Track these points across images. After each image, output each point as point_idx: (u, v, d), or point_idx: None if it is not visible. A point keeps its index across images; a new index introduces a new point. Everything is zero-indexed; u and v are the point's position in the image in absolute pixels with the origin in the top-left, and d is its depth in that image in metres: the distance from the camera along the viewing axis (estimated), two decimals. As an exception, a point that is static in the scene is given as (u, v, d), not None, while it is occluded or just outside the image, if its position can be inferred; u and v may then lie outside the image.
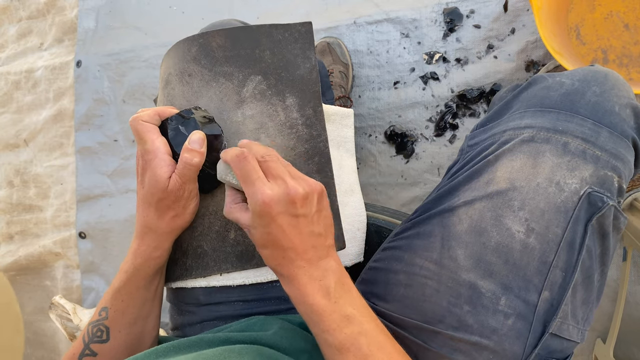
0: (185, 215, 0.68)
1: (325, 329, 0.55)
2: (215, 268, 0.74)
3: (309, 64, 0.80)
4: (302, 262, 0.57)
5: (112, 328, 0.66)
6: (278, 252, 0.57)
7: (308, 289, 0.56)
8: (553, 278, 0.59)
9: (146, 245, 0.66)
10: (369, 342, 0.55)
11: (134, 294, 0.66)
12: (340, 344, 0.54)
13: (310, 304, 0.56)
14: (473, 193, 0.65)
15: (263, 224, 0.56)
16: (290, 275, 0.57)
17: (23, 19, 1.94)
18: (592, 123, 0.61)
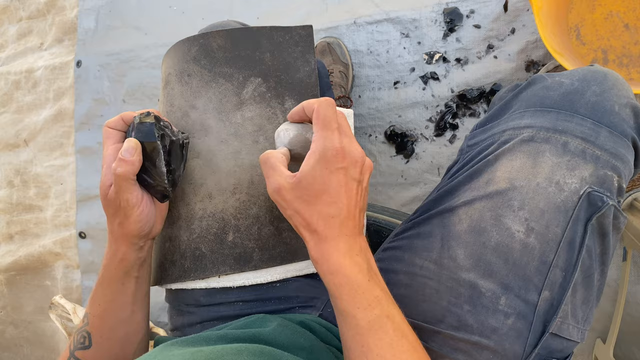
0: (130, 223, 0.62)
1: (356, 305, 0.53)
2: (213, 270, 0.74)
3: (309, 68, 0.81)
4: (346, 229, 0.55)
5: (93, 334, 0.65)
6: (328, 208, 0.54)
7: (346, 260, 0.54)
8: (553, 278, 0.59)
9: (109, 248, 0.65)
10: (394, 327, 0.54)
11: (108, 297, 0.65)
12: (369, 324, 0.53)
13: (346, 275, 0.54)
14: (473, 193, 0.65)
15: (325, 173, 0.54)
16: (331, 240, 0.55)
17: (23, 19, 1.94)
18: (592, 123, 0.61)
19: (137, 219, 0.62)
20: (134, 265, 0.65)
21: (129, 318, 0.67)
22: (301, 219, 0.55)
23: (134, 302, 0.67)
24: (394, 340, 0.53)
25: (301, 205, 0.55)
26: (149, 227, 0.64)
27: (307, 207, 0.55)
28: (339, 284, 0.54)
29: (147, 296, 0.70)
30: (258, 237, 0.75)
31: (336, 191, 0.54)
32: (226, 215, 0.75)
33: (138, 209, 0.62)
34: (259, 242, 0.75)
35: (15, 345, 1.89)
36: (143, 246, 0.65)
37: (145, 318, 0.71)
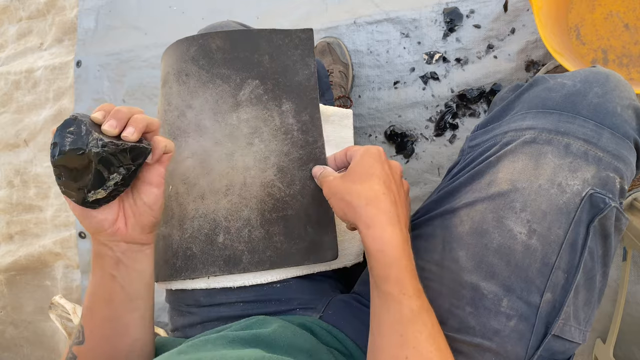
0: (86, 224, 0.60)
1: (404, 291, 0.54)
2: (203, 271, 0.75)
3: (308, 71, 0.81)
4: (398, 212, 0.59)
5: (85, 328, 0.64)
6: (379, 186, 0.59)
7: (401, 243, 0.56)
8: (555, 279, 0.59)
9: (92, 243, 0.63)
10: (432, 321, 0.56)
11: (91, 290, 0.63)
12: (412, 314, 0.54)
13: (399, 257, 0.55)
14: (474, 194, 0.65)
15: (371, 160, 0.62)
16: (387, 216, 0.57)
17: (23, 19, 1.94)
18: (594, 124, 0.61)
19: (79, 216, 0.59)
20: (107, 262, 0.61)
21: (113, 317, 0.63)
22: (352, 196, 0.59)
23: (115, 301, 0.63)
24: (431, 335, 0.54)
25: (353, 185, 0.59)
26: (95, 227, 0.59)
27: (358, 185, 0.59)
28: (389, 264, 0.55)
29: (136, 300, 0.65)
30: (248, 240, 0.75)
31: (384, 175, 0.61)
32: (217, 217, 0.75)
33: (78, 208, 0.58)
34: (248, 245, 0.75)
35: (15, 345, 1.89)
36: (108, 244, 0.61)
37: (137, 323, 0.66)
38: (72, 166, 0.55)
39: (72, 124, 0.54)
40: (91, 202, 0.57)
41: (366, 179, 0.59)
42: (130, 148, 0.56)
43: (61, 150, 0.53)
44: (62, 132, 0.54)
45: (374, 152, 0.62)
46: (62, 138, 0.54)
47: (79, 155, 0.53)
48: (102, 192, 0.57)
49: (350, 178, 0.61)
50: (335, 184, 0.62)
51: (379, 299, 0.56)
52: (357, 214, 0.57)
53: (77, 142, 0.53)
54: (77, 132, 0.54)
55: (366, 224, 0.56)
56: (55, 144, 0.54)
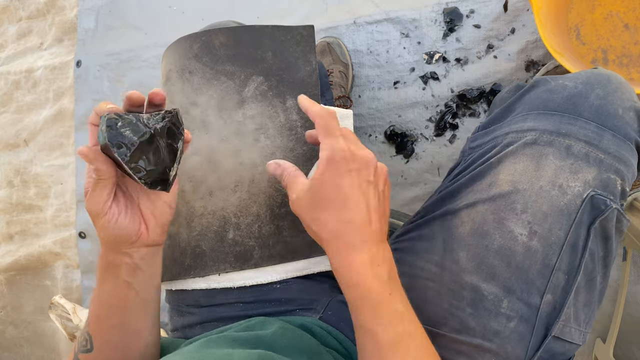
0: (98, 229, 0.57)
1: (378, 321, 0.52)
2: (213, 268, 0.74)
3: (310, 67, 0.81)
4: (365, 234, 0.54)
5: (94, 337, 0.62)
6: (343, 213, 0.53)
7: (368, 271, 0.53)
8: (556, 281, 0.59)
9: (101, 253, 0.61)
10: (416, 345, 0.53)
11: (102, 301, 0.61)
12: (391, 341, 0.52)
13: (367, 289, 0.52)
14: (475, 195, 0.65)
15: (335, 176, 0.54)
16: (352, 250, 0.53)
17: (23, 18, 1.93)
18: (596, 126, 0.61)
19: (101, 227, 0.56)
20: (122, 269, 0.59)
21: (124, 324, 0.62)
22: (317, 227, 0.55)
23: (129, 307, 0.62)
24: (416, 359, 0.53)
25: (315, 212, 0.54)
26: (122, 237, 0.57)
27: (321, 213, 0.54)
28: (359, 297, 0.53)
29: (149, 304, 0.64)
30: (258, 235, 0.75)
31: (349, 194, 0.54)
32: (227, 213, 0.75)
33: (102, 218, 0.55)
34: (259, 240, 0.75)
35: (15, 345, 1.89)
36: (128, 252, 0.59)
37: (149, 327, 0.66)
38: (145, 154, 0.54)
39: (116, 121, 0.52)
40: (171, 180, 0.58)
41: (331, 206, 0.54)
42: (176, 109, 0.57)
43: (132, 143, 0.52)
44: (117, 131, 0.52)
45: (339, 160, 0.54)
46: (122, 136, 0.52)
47: (148, 139, 0.53)
48: (176, 166, 0.58)
49: (314, 201, 0.55)
50: (299, 207, 0.56)
51: (357, 328, 0.55)
52: (324, 246, 0.55)
53: (139, 130, 0.53)
54: (128, 123, 0.53)
55: (333, 257, 0.55)
56: (121, 144, 0.52)
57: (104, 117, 0.52)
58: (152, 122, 0.54)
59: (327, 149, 0.54)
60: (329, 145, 0.54)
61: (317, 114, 0.57)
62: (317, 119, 0.56)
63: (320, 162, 0.54)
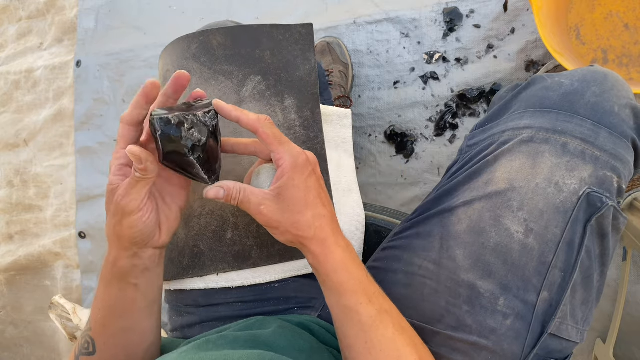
0: (123, 227, 0.57)
1: (359, 300, 0.55)
2: (212, 268, 0.74)
3: (309, 66, 0.80)
4: (335, 224, 0.59)
5: (97, 340, 0.62)
6: (317, 210, 0.57)
7: (346, 256, 0.57)
8: (552, 278, 0.59)
9: (107, 250, 0.61)
10: (393, 322, 0.56)
11: (107, 303, 0.61)
12: (372, 320, 0.55)
13: (349, 271, 0.56)
14: (472, 193, 0.65)
15: (304, 178, 0.56)
16: (329, 240, 0.57)
17: (23, 18, 1.94)
18: (592, 123, 0.61)
19: (131, 224, 0.56)
20: (131, 272, 0.60)
21: (131, 326, 0.63)
22: (298, 229, 0.56)
23: (135, 310, 0.62)
24: (395, 335, 0.55)
25: (294, 216, 0.56)
26: (145, 236, 0.58)
27: (300, 216, 0.56)
28: (343, 281, 0.56)
29: (153, 305, 0.65)
30: (257, 235, 0.75)
31: (317, 191, 0.57)
32: (225, 213, 0.75)
33: (136, 215, 0.56)
34: (257, 240, 0.75)
35: (15, 345, 1.89)
36: (138, 253, 0.59)
37: (153, 327, 0.66)
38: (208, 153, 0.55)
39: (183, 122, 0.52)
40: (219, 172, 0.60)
41: (307, 206, 0.57)
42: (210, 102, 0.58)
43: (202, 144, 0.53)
44: (187, 133, 0.52)
45: (302, 164, 0.57)
46: (192, 138, 0.53)
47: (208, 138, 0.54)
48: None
49: (289, 207, 0.56)
50: (271, 216, 0.56)
51: (340, 312, 0.57)
52: (305, 246, 0.57)
53: (202, 130, 0.54)
54: (192, 123, 0.53)
55: (315, 253, 0.57)
56: (195, 147, 0.53)
57: (166, 117, 0.51)
58: (208, 120, 0.55)
59: (288, 156, 0.56)
60: (288, 152, 0.56)
61: (259, 123, 0.57)
62: (261, 129, 0.56)
63: (285, 169, 0.56)
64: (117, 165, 0.57)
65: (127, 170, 0.57)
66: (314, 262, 0.57)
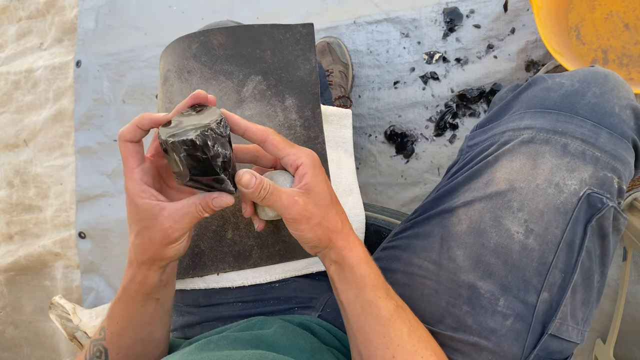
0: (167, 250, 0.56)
1: (379, 294, 0.56)
2: (212, 268, 0.74)
3: (309, 66, 0.80)
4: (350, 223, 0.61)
5: (110, 350, 0.62)
6: (338, 206, 0.59)
7: (365, 251, 0.59)
8: (552, 279, 0.59)
9: (129, 269, 0.59)
10: (409, 317, 0.57)
11: (126, 317, 0.61)
12: (390, 313, 0.56)
13: (371, 265, 0.58)
14: (472, 194, 0.65)
15: (322, 177, 0.57)
16: (351, 234, 0.59)
17: (23, 19, 1.94)
18: (592, 124, 0.61)
19: (176, 250, 0.56)
20: (156, 288, 0.60)
21: (147, 337, 0.64)
22: (328, 223, 0.57)
23: (153, 322, 0.63)
24: (411, 330, 0.56)
25: (325, 210, 0.57)
26: (182, 253, 0.58)
27: (330, 209, 0.57)
28: (365, 274, 0.57)
29: (167, 314, 0.66)
30: (257, 235, 0.75)
31: (332, 190, 0.59)
32: (225, 213, 0.75)
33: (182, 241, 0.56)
34: (258, 240, 0.75)
35: (15, 345, 1.89)
36: (166, 269, 0.60)
37: (166, 335, 0.67)
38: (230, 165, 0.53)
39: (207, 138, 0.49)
40: None
41: (332, 201, 0.58)
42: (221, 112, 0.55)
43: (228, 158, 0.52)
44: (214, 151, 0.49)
45: (318, 162, 0.59)
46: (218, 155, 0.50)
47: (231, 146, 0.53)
48: None
49: (320, 201, 0.56)
50: (309, 208, 0.55)
51: (359, 306, 0.57)
52: (332, 240, 0.57)
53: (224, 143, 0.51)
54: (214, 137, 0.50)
55: (340, 247, 0.57)
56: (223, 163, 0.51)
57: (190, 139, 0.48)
58: (222, 130, 0.51)
59: (305, 156, 0.57)
60: (303, 153, 0.57)
61: (266, 135, 0.57)
62: (270, 136, 0.57)
63: (306, 167, 0.56)
64: (143, 186, 0.54)
65: (151, 190, 0.55)
66: (338, 257, 0.57)
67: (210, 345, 0.58)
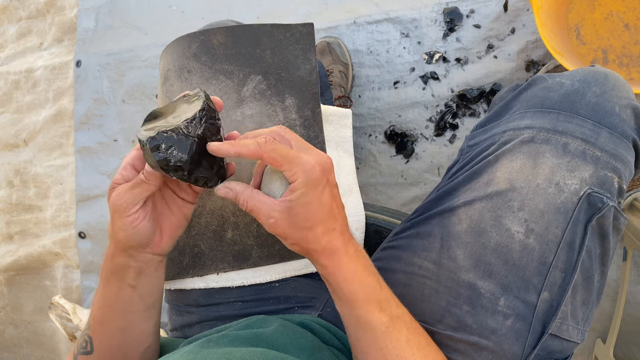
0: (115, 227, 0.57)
1: (371, 309, 0.55)
2: (212, 267, 0.74)
3: (309, 65, 0.80)
4: (346, 234, 0.57)
5: (94, 339, 0.62)
6: (329, 224, 0.55)
7: (357, 266, 0.56)
8: (552, 278, 0.59)
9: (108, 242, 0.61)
10: (407, 325, 0.56)
11: (105, 302, 0.61)
12: (385, 326, 0.54)
13: (360, 280, 0.55)
14: (473, 193, 0.65)
15: (317, 195, 0.53)
16: (339, 251, 0.55)
17: (23, 18, 1.94)
18: (592, 124, 0.61)
19: (121, 226, 0.56)
20: (128, 272, 0.59)
21: (128, 327, 0.63)
22: (307, 243, 0.55)
23: (132, 311, 0.62)
24: (409, 339, 0.55)
25: (303, 232, 0.54)
26: (135, 241, 0.58)
27: (309, 232, 0.54)
28: (354, 291, 0.55)
29: (152, 308, 0.65)
30: (257, 235, 0.75)
31: (329, 205, 0.55)
32: (225, 213, 0.75)
33: (125, 218, 0.56)
34: (257, 240, 0.75)
35: (15, 345, 1.89)
36: (134, 255, 0.59)
37: (151, 330, 0.66)
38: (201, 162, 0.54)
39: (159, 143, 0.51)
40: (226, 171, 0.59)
41: (318, 222, 0.54)
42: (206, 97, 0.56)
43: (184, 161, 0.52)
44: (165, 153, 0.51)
45: (316, 179, 0.53)
46: (172, 156, 0.52)
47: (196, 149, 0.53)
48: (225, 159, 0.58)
49: (299, 222, 0.54)
50: (280, 229, 0.54)
51: (353, 321, 0.56)
52: (314, 258, 0.56)
53: (184, 145, 0.52)
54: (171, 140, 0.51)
55: (323, 265, 0.56)
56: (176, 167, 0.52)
57: (146, 140, 0.51)
58: (192, 129, 0.52)
59: (301, 173, 0.52)
60: (301, 168, 0.52)
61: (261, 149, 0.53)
62: (265, 154, 0.52)
63: (297, 185, 0.52)
64: (125, 165, 0.57)
65: (132, 172, 0.57)
66: (324, 273, 0.56)
67: (211, 343, 0.58)
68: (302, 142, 0.56)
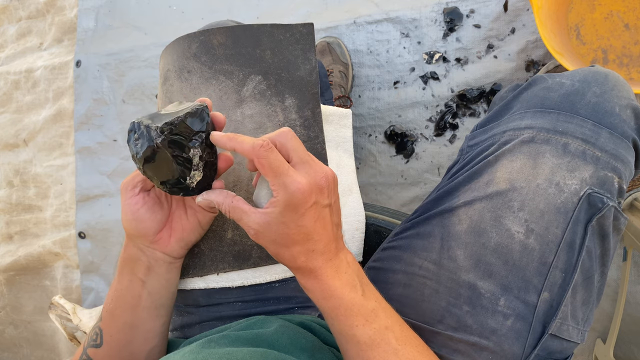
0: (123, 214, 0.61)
1: (354, 323, 0.53)
2: (212, 267, 0.74)
3: (309, 66, 0.80)
4: (328, 254, 0.54)
5: (105, 332, 0.63)
6: (308, 245, 0.53)
7: (336, 283, 0.53)
8: (553, 279, 0.59)
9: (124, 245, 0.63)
10: (396, 336, 0.54)
11: (117, 293, 0.63)
12: (370, 339, 0.53)
13: (339, 297, 0.53)
14: (473, 193, 0.64)
15: (296, 217, 0.51)
16: (318, 270, 0.53)
17: (22, 18, 1.94)
18: (592, 124, 0.61)
19: (124, 209, 0.60)
20: (138, 265, 0.62)
21: (136, 324, 0.64)
22: (282, 259, 0.55)
23: (140, 307, 0.63)
24: (398, 350, 0.53)
25: (280, 249, 0.53)
26: (138, 229, 0.60)
27: (285, 250, 0.53)
28: (333, 307, 0.54)
29: (160, 308, 0.66)
30: None
31: (311, 228, 0.52)
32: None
33: (129, 199, 0.60)
34: None
35: (15, 345, 1.89)
36: (142, 249, 0.61)
37: (158, 330, 0.67)
38: (160, 166, 0.55)
39: (134, 130, 0.54)
40: (197, 188, 0.58)
41: (294, 243, 0.52)
42: (185, 115, 0.55)
43: (139, 157, 0.54)
44: (132, 141, 0.54)
45: (298, 202, 0.50)
46: (135, 145, 0.54)
47: (150, 154, 0.53)
48: (198, 173, 0.56)
49: (276, 240, 0.53)
50: (261, 240, 0.54)
51: (337, 335, 0.56)
52: (294, 272, 0.56)
53: (143, 143, 0.53)
54: (140, 134, 0.54)
55: (300, 282, 0.56)
56: (134, 156, 0.55)
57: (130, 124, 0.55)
58: (155, 135, 0.52)
59: (282, 192, 0.50)
60: (283, 188, 0.50)
61: (254, 154, 0.51)
62: (257, 159, 0.51)
63: (276, 203, 0.51)
64: None
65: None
66: (303, 287, 0.56)
67: (212, 343, 0.58)
68: (304, 153, 0.54)
